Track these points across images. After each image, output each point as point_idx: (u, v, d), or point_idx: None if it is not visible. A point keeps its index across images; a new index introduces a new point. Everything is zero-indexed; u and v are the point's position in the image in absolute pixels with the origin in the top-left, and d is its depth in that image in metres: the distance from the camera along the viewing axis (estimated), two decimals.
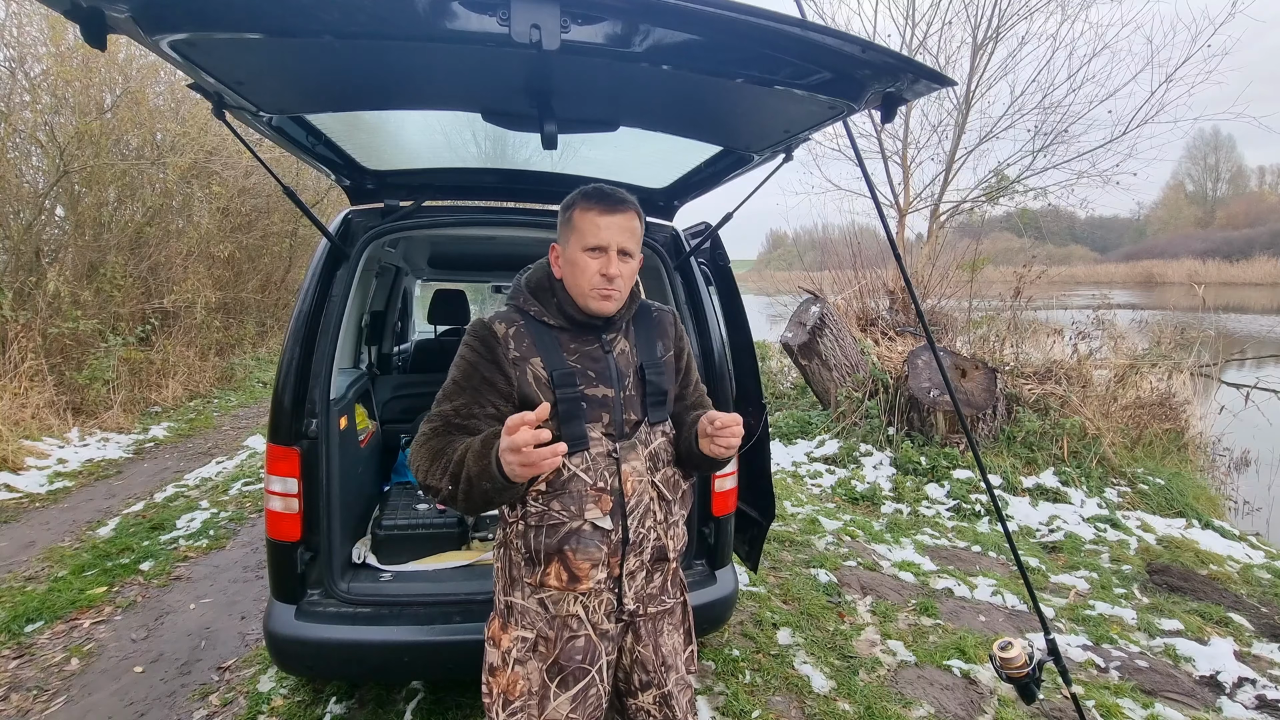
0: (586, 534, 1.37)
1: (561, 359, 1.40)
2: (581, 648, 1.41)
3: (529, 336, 1.40)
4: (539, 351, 1.39)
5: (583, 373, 1.40)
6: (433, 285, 5.46)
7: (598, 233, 1.36)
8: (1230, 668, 2.90)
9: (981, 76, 8.65)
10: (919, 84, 1.29)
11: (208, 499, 4.83)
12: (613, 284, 1.38)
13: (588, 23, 1.07)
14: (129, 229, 7.73)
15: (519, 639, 1.41)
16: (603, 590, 1.41)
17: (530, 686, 1.39)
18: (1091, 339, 6.55)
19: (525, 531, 1.40)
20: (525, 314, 1.44)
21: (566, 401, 1.36)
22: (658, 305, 1.60)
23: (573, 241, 1.38)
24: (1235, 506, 5.69)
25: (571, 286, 1.41)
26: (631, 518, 1.40)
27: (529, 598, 1.42)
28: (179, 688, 2.66)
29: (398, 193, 2.45)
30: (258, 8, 1.06)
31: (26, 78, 6.85)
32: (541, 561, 1.38)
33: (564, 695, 1.39)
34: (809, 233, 11.77)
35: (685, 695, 1.55)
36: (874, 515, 4.84)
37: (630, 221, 1.39)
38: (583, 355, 1.42)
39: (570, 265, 1.40)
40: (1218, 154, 58.16)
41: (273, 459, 2.07)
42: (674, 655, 1.53)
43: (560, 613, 1.40)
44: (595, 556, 1.38)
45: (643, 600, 1.47)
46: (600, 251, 1.36)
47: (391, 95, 1.60)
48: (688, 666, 1.58)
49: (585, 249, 1.37)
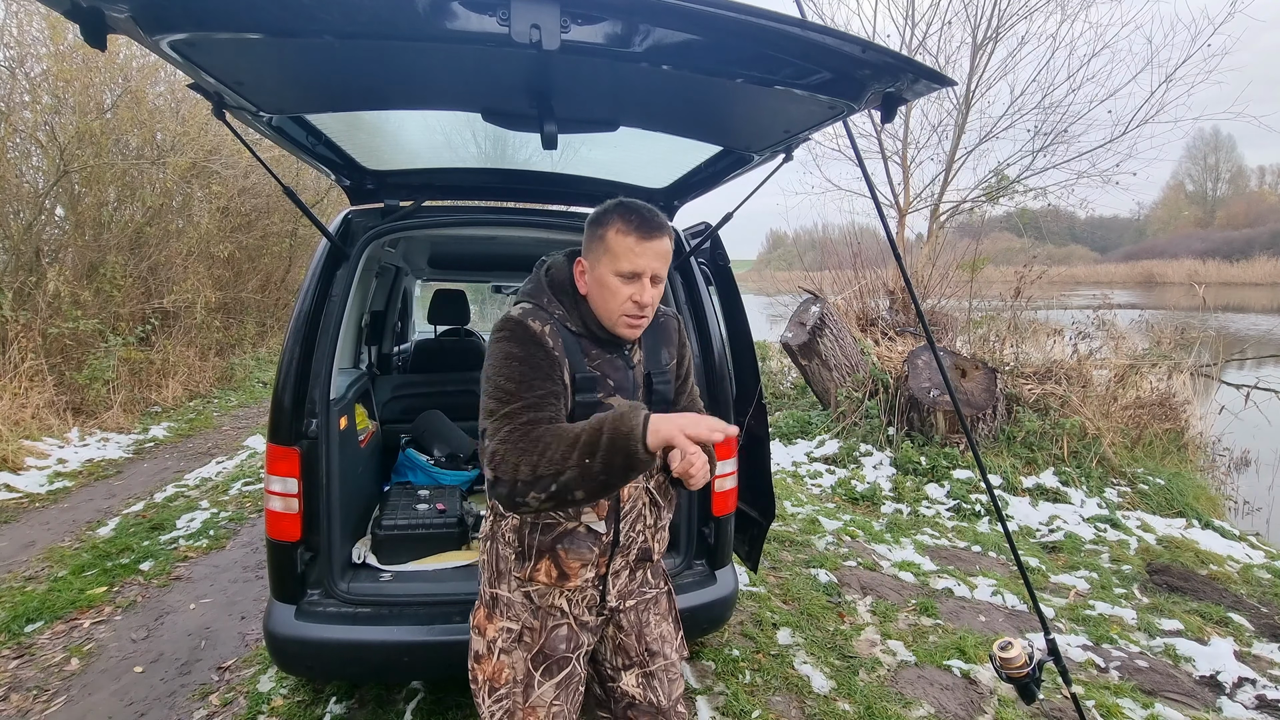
0: (580, 535, 1.39)
1: (584, 364, 1.37)
2: (564, 636, 1.44)
3: (560, 337, 1.36)
4: (567, 354, 1.36)
5: (603, 380, 1.39)
6: (433, 285, 5.46)
7: (634, 259, 1.29)
8: (1230, 668, 2.89)
9: (981, 76, 8.64)
10: (919, 84, 1.29)
11: (208, 499, 4.83)
12: (644, 311, 1.34)
13: (588, 23, 1.07)
14: (129, 229, 7.73)
15: (504, 629, 1.43)
16: (588, 587, 1.44)
17: (515, 675, 1.41)
18: (1091, 339, 6.55)
19: (520, 527, 1.41)
20: (550, 315, 1.38)
21: (584, 406, 1.35)
22: (663, 310, 1.57)
23: (604, 262, 1.32)
24: (1235, 506, 5.69)
25: (599, 307, 1.36)
26: (624, 522, 1.43)
27: (515, 590, 1.44)
28: (179, 688, 2.66)
29: (398, 193, 2.45)
30: (258, 8, 1.06)
31: (26, 78, 6.84)
32: (532, 557, 1.40)
33: (548, 683, 1.42)
34: (809, 233, 11.76)
35: (671, 680, 1.54)
36: (874, 515, 4.83)
37: (666, 245, 1.33)
38: (605, 363, 1.40)
39: (599, 286, 1.34)
40: (1218, 154, 58.16)
41: (273, 459, 2.07)
42: (660, 643, 1.54)
43: (544, 604, 1.43)
44: (586, 557, 1.40)
45: (624, 596, 1.50)
46: (635, 278, 1.31)
47: (391, 95, 1.60)
48: (680, 654, 1.59)
49: (618, 273, 1.31)
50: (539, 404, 1.27)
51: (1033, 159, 8.61)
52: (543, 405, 1.27)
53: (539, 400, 1.28)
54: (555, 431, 1.22)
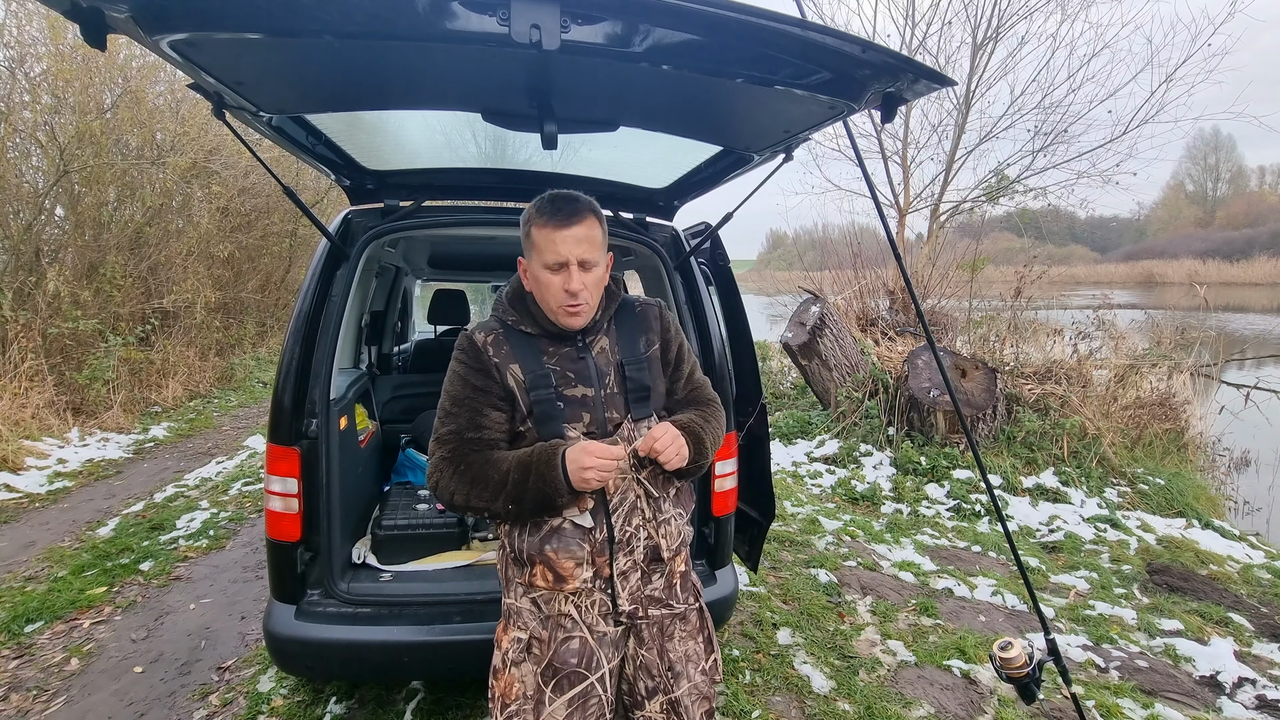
0: (567, 532, 1.37)
1: (539, 362, 1.41)
2: (576, 650, 1.39)
3: (507, 343, 1.42)
4: (517, 358, 1.40)
5: (561, 374, 1.41)
6: (433, 285, 5.46)
7: (555, 248, 1.33)
8: (1230, 668, 2.89)
9: (981, 76, 8.64)
10: (919, 84, 1.29)
11: (208, 499, 4.83)
12: (578, 298, 1.36)
13: (588, 23, 1.07)
14: (129, 229, 7.73)
15: (515, 640, 1.41)
16: (594, 591, 1.41)
17: (525, 690, 1.38)
18: (1091, 339, 6.55)
19: (511, 532, 1.41)
20: (504, 323, 1.46)
21: (541, 403, 1.38)
22: (642, 300, 1.58)
23: (534, 259, 1.38)
24: (1235, 506, 5.69)
25: (541, 302, 1.41)
26: (615, 515, 1.40)
27: (521, 598, 1.43)
28: (179, 688, 2.66)
29: (398, 193, 2.45)
30: (258, 8, 1.06)
31: (26, 77, 6.84)
32: (528, 561, 1.39)
33: (559, 699, 1.36)
34: (809, 233, 11.78)
35: (699, 706, 1.47)
36: (874, 515, 4.83)
37: (588, 230, 1.35)
38: (561, 357, 1.43)
39: (536, 282, 1.40)
40: (1218, 154, 58.12)
41: (273, 459, 2.07)
42: (684, 663, 1.47)
43: (552, 612, 1.40)
44: (578, 555, 1.37)
45: (640, 602, 1.44)
46: (561, 267, 1.34)
47: (391, 95, 1.60)
48: (711, 677, 1.51)
49: (545, 266, 1.35)
50: (467, 427, 1.38)
51: (1033, 159, 8.62)
52: (471, 428, 1.38)
53: (466, 424, 1.38)
54: (483, 469, 1.34)
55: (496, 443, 1.40)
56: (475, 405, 1.39)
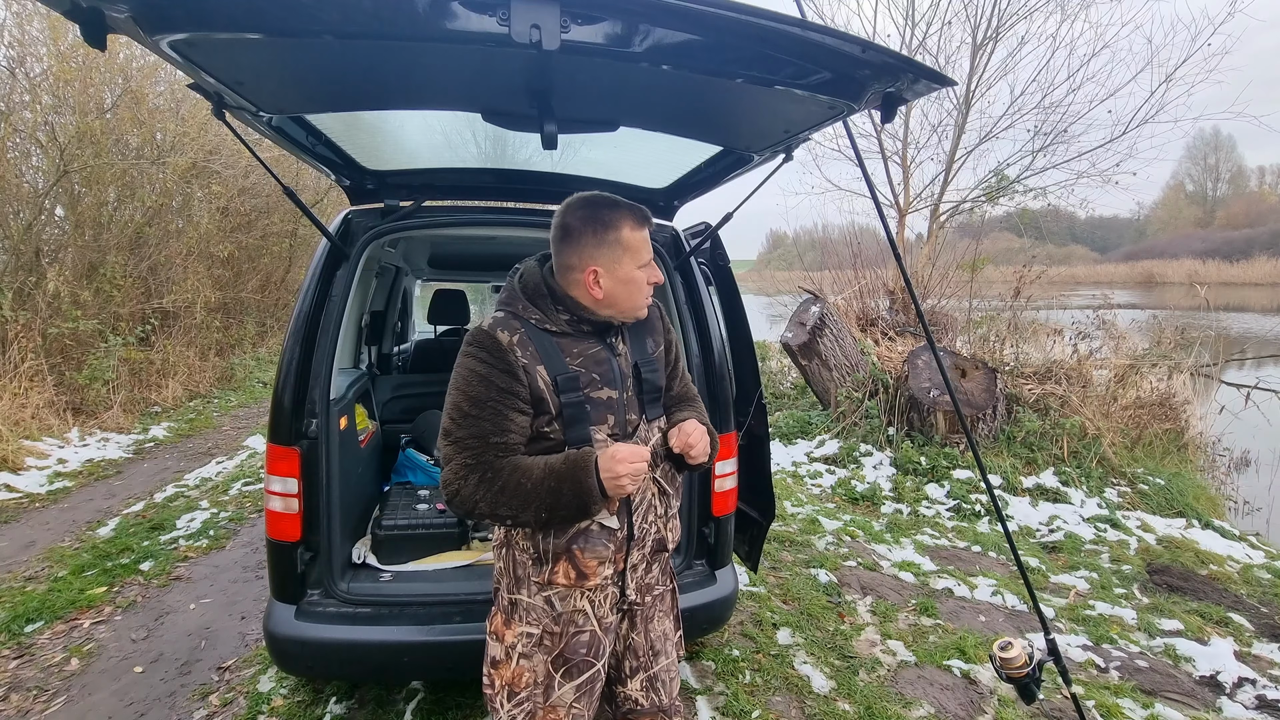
0: (594, 534, 1.39)
1: (564, 364, 1.38)
2: (586, 642, 1.43)
3: (531, 343, 1.37)
4: (542, 359, 1.36)
5: (588, 376, 1.40)
6: (433, 285, 5.46)
7: (648, 247, 1.40)
8: (1230, 668, 2.89)
9: (981, 76, 8.63)
10: (919, 84, 1.29)
11: (208, 499, 4.83)
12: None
13: (588, 23, 1.07)
14: (129, 229, 7.73)
15: (524, 635, 1.42)
16: (608, 585, 1.44)
17: (536, 678, 1.41)
18: (1092, 339, 6.55)
19: (534, 532, 1.40)
20: (524, 321, 1.39)
21: (571, 406, 1.36)
22: None
23: (626, 261, 1.37)
24: (1235, 506, 5.69)
25: (624, 303, 1.40)
26: (636, 515, 1.43)
27: (535, 595, 1.43)
28: (179, 688, 2.66)
29: (398, 193, 2.45)
30: (258, 8, 1.06)
31: (27, 77, 6.84)
32: (550, 560, 1.39)
33: (569, 685, 1.41)
34: (809, 233, 11.75)
35: (672, 679, 1.57)
36: (874, 515, 4.83)
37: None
38: (586, 359, 1.41)
39: (625, 284, 1.38)
40: (1218, 154, 58.09)
41: (273, 459, 2.07)
42: (663, 640, 1.56)
43: (567, 609, 1.42)
44: (603, 555, 1.40)
45: (642, 590, 1.51)
46: (649, 263, 1.41)
47: (391, 95, 1.60)
48: (677, 651, 1.61)
49: (640, 266, 1.39)
50: (494, 430, 1.32)
51: (1033, 159, 8.60)
52: (498, 430, 1.32)
53: (494, 425, 1.32)
54: (512, 478, 1.30)
55: (518, 447, 1.36)
56: (499, 408, 1.32)
